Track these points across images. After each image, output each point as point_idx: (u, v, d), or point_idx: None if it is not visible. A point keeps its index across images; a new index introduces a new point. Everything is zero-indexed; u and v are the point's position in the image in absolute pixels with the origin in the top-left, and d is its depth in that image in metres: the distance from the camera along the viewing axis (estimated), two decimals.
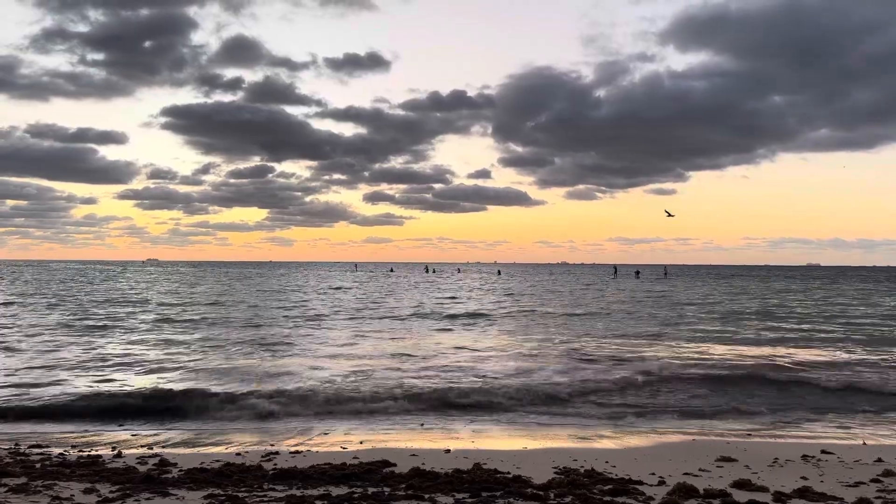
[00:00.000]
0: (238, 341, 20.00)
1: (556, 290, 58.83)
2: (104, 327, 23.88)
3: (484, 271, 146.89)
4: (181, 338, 21.16)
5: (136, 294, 45.78)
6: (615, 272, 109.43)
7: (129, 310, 32.43)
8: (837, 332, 24.36)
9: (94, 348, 18.36)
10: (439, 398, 11.91)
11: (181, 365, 15.62)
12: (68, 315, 28.81)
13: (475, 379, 13.91)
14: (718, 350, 18.80)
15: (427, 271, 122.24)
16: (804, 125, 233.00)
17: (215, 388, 12.52)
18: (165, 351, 18.27)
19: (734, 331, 24.30)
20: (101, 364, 15.51)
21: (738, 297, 48.54)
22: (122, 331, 23.13)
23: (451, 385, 12.91)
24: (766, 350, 18.83)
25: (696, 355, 17.59)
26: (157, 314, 29.87)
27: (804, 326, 26.31)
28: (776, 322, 28.14)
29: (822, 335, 23.15)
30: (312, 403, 11.41)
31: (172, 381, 13.40)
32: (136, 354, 17.44)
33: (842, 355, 18.08)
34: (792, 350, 18.84)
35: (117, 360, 16.37)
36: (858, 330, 24.83)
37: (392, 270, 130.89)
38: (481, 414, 11.38)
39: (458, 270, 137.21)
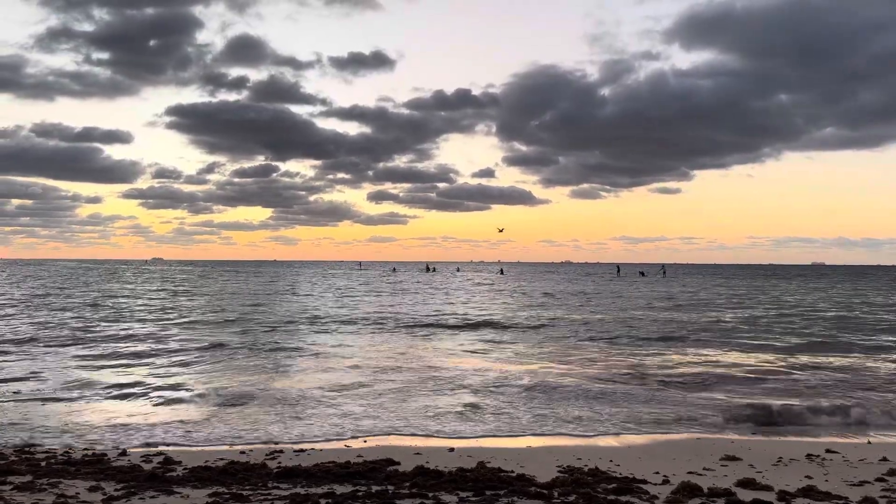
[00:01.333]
0: (246, 347, 19.57)
1: (563, 290, 57.98)
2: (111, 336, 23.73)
3: (485, 270, 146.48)
4: (183, 345, 21.11)
5: (139, 296, 45.85)
6: (618, 271, 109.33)
7: (131, 312, 32.48)
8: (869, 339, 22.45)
9: (92, 359, 17.82)
10: None
11: (182, 377, 15.44)
12: (74, 317, 28.85)
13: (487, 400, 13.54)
14: (759, 358, 17.59)
15: (427, 270, 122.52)
16: (810, 124, 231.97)
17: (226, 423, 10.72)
18: (167, 360, 18.22)
19: (762, 336, 22.72)
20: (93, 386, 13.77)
21: (752, 298, 47.94)
22: (129, 336, 23.08)
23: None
24: (795, 358, 17.60)
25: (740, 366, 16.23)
26: (160, 317, 29.87)
27: (826, 332, 24.38)
28: (801, 326, 26.55)
29: (848, 340, 21.75)
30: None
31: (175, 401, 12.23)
32: (139, 368, 17.31)
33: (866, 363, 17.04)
34: (818, 357, 17.81)
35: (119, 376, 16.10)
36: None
37: (395, 270, 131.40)
38: (484, 413, 11.36)
39: (458, 270, 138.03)
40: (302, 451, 8.63)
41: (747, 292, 54.83)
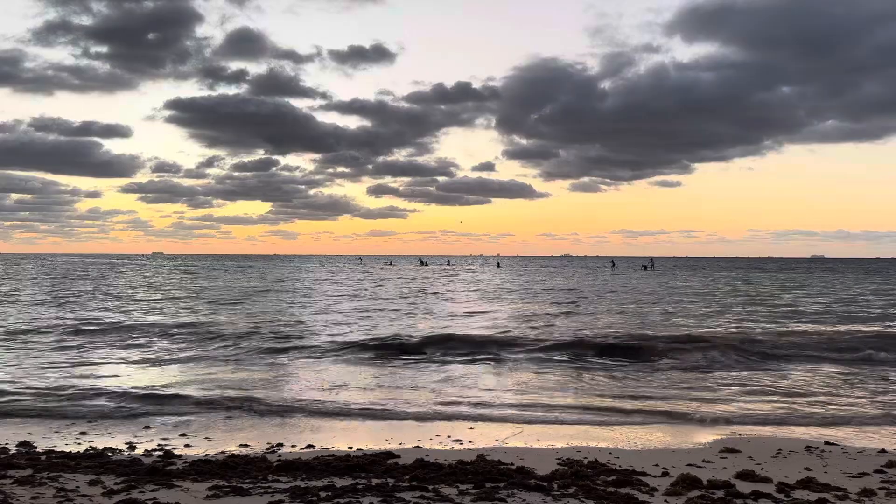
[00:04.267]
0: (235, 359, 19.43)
1: (566, 287, 54.34)
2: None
3: (483, 264, 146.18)
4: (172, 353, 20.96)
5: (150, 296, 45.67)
6: (613, 265, 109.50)
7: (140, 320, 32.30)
8: None
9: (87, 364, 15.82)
10: None
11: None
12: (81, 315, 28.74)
13: None
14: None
15: (421, 264, 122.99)
16: (812, 116, 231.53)
17: None
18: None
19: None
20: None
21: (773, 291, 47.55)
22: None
23: None
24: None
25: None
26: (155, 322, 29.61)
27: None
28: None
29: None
30: None
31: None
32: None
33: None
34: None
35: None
36: None
37: (391, 263, 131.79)
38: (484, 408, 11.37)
39: (448, 263, 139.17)
40: (302, 444, 8.66)
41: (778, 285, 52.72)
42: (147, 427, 9.76)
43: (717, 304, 34.24)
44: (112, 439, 8.97)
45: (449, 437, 9.22)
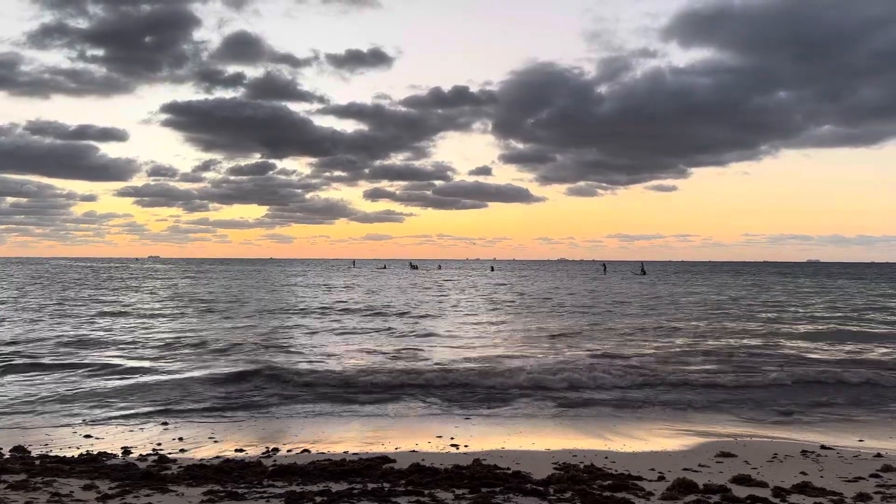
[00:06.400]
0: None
1: (577, 297, 51.10)
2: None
3: (477, 267, 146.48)
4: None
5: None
6: (604, 270, 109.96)
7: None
8: None
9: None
10: None
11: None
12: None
13: None
14: None
15: (412, 268, 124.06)
16: (808, 121, 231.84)
17: None
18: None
19: None
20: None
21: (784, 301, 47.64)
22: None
23: None
24: None
25: None
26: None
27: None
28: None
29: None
30: None
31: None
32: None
33: None
34: None
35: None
36: None
37: (385, 267, 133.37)
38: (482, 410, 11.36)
39: (439, 267, 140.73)
40: (297, 449, 8.63)
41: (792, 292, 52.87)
42: (142, 432, 9.75)
43: (708, 313, 34.35)
44: (107, 444, 8.93)
45: (445, 441, 9.21)
